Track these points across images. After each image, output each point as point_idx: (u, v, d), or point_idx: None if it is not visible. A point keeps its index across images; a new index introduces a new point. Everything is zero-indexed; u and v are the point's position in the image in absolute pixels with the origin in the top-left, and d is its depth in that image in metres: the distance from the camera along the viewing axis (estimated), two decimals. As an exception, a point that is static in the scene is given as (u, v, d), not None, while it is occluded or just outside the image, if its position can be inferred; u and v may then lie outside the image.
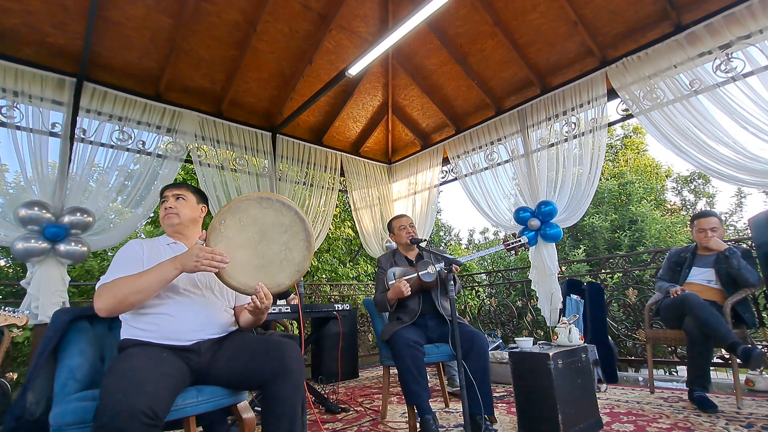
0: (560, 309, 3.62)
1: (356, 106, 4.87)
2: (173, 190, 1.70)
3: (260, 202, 1.45)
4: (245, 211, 1.43)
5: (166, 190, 1.70)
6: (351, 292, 7.30)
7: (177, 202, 1.66)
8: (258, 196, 1.45)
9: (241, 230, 1.42)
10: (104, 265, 9.65)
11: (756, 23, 2.69)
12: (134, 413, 1.04)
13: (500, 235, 18.95)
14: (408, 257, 2.67)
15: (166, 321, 1.41)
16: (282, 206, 1.46)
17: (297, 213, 1.47)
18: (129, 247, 1.54)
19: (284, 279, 1.44)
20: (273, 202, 1.45)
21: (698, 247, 2.78)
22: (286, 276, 1.44)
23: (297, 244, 1.46)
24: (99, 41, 3.18)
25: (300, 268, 1.46)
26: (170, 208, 1.64)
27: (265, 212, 1.45)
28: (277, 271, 1.44)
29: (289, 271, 1.44)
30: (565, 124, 3.80)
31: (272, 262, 1.43)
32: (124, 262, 1.46)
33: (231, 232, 1.40)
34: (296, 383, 1.36)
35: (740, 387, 2.37)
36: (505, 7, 3.54)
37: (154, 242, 1.61)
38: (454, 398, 2.98)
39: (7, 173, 8.32)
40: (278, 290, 1.44)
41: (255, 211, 1.44)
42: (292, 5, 3.54)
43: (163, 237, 1.67)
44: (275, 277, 1.43)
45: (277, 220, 1.45)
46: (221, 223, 1.40)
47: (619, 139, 17.03)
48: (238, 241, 1.41)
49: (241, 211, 1.43)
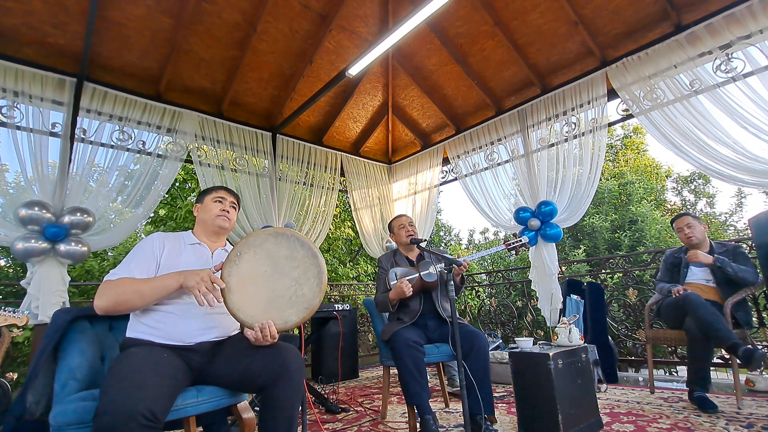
0: (560, 309, 3.62)
1: (356, 106, 4.87)
2: (231, 196, 1.76)
3: (276, 237, 1.46)
4: (261, 245, 1.45)
5: (223, 191, 1.75)
6: (351, 292, 7.30)
7: (232, 210, 1.73)
8: (275, 231, 1.47)
9: (255, 264, 1.42)
10: (104, 266, 9.66)
11: (756, 23, 2.69)
12: (134, 415, 1.04)
13: (500, 235, 18.95)
14: (408, 257, 2.67)
15: (173, 320, 1.41)
16: (296, 241, 1.46)
17: (310, 249, 1.46)
18: (148, 243, 1.54)
19: (292, 315, 1.40)
20: (287, 237, 1.47)
21: (688, 247, 2.83)
22: (294, 312, 1.41)
23: (308, 281, 1.43)
24: (99, 41, 3.18)
25: (309, 306, 1.41)
26: (227, 212, 1.70)
27: (278, 247, 1.45)
28: (285, 307, 1.41)
29: (297, 308, 1.41)
30: (566, 124, 3.80)
31: (282, 297, 1.41)
32: (137, 261, 1.47)
33: (245, 267, 1.41)
34: (296, 387, 1.36)
35: (740, 387, 2.37)
36: (505, 7, 3.54)
37: (177, 239, 1.62)
38: (454, 398, 2.98)
39: (7, 173, 8.32)
40: (285, 327, 1.41)
41: (269, 246, 1.45)
42: (292, 5, 3.54)
43: (187, 235, 1.68)
44: (283, 313, 1.41)
45: (290, 254, 1.45)
46: (237, 256, 1.42)
47: (619, 139, 17.02)
48: (251, 275, 1.41)
49: (256, 246, 1.44)
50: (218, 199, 1.72)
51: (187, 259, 1.55)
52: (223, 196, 1.73)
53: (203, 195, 1.77)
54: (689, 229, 2.76)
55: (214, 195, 1.73)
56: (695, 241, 2.74)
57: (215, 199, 1.72)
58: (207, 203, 1.72)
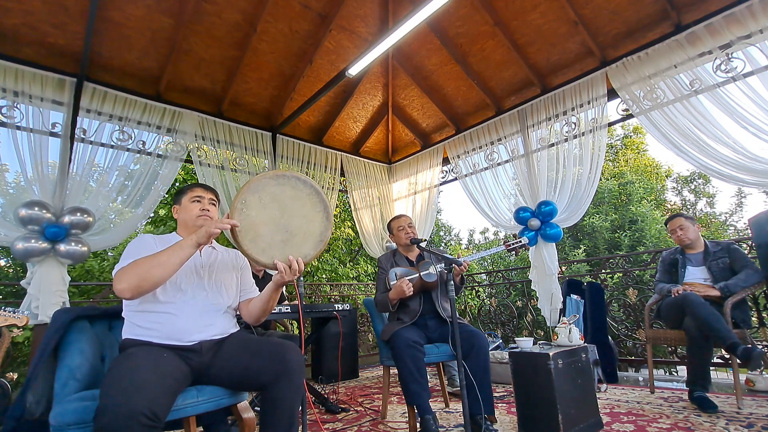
0: (560, 309, 3.62)
1: (356, 106, 4.87)
2: (209, 194, 1.71)
3: (276, 179, 1.51)
4: (264, 189, 1.48)
5: (199, 189, 1.70)
6: (351, 292, 7.30)
7: (212, 207, 1.70)
8: (274, 173, 1.52)
9: (263, 208, 1.47)
10: (104, 266, 9.64)
11: (756, 23, 2.69)
12: (134, 414, 1.04)
13: (500, 235, 18.95)
14: (408, 257, 2.67)
15: (170, 320, 1.41)
16: (298, 181, 1.53)
17: (313, 186, 1.54)
18: (142, 239, 1.54)
19: (309, 250, 1.49)
20: (289, 178, 1.52)
21: (683, 247, 2.85)
22: (310, 246, 1.50)
23: (316, 216, 1.52)
24: (99, 41, 3.18)
25: (323, 238, 1.51)
26: (207, 211, 1.67)
27: (282, 188, 1.50)
28: (301, 243, 1.49)
29: (312, 242, 1.50)
30: (565, 124, 3.80)
31: (296, 234, 1.49)
32: (138, 251, 1.46)
33: (253, 211, 1.45)
34: (297, 385, 1.36)
35: (740, 387, 2.37)
36: (505, 7, 3.54)
37: (164, 239, 1.60)
38: (454, 398, 2.97)
39: (7, 173, 8.32)
40: (306, 261, 1.48)
41: (273, 189, 1.49)
42: (292, 5, 3.54)
43: (173, 236, 1.66)
44: (301, 249, 1.48)
45: (295, 194, 1.52)
46: (243, 203, 1.44)
47: (619, 139, 17.02)
48: (261, 219, 1.45)
49: (260, 190, 1.47)
50: (196, 198, 1.67)
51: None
52: (201, 195, 1.68)
53: (179, 195, 1.71)
54: (681, 230, 2.78)
55: (190, 195, 1.68)
56: (687, 242, 2.78)
57: (193, 199, 1.67)
58: (185, 204, 1.67)
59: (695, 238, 2.77)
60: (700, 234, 2.83)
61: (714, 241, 2.78)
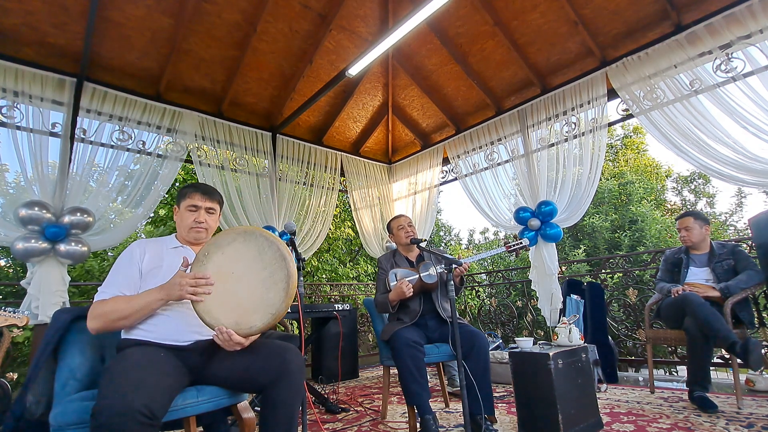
0: (560, 309, 3.62)
1: (356, 106, 4.87)
2: (207, 201, 1.59)
3: (245, 236, 1.39)
4: (229, 244, 1.38)
5: (197, 196, 1.59)
6: (351, 292, 7.30)
7: (208, 217, 1.60)
8: (243, 230, 1.41)
9: (222, 265, 1.36)
10: (104, 266, 9.65)
11: (756, 23, 2.69)
12: (131, 412, 1.04)
13: (500, 235, 18.95)
14: (408, 258, 2.67)
15: (165, 322, 1.41)
16: (264, 242, 1.37)
17: (279, 250, 1.35)
18: (127, 255, 1.50)
19: (257, 321, 1.32)
20: (256, 237, 1.38)
21: (689, 247, 2.84)
22: (259, 318, 1.32)
23: (275, 284, 1.33)
24: (99, 41, 3.18)
25: (275, 311, 1.31)
26: (201, 222, 1.57)
27: (247, 246, 1.38)
28: (251, 311, 1.33)
29: (262, 313, 1.32)
30: (565, 124, 3.80)
31: (248, 299, 1.34)
32: (123, 275, 1.45)
33: (212, 267, 1.36)
34: (297, 386, 1.36)
35: (740, 387, 2.37)
36: (505, 7, 3.54)
37: (158, 244, 1.58)
38: (454, 398, 2.97)
39: (7, 173, 8.32)
40: (249, 332, 1.33)
41: (238, 245, 1.38)
42: (292, 5, 3.54)
43: (170, 239, 1.63)
44: (249, 318, 1.33)
45: (258, 255, 1.36)
46: (205, 256, 1.37)
47: (619, 139, 17.02)
48: (217, 276, 1.35)
49: (225, 245, 1.38)
50: (191, 207, 1.57)
51: (169, 262, 1.50)
52: (197, 204, 1.57)
53: (179, 198, 1.62)
54: (686, 231, 2.78)
55: (188, 202, 1.58)
56: (689, 244, 2.78)
57: (189, 208, 1.58)
58: (182, 210, 1.60)
59: (700, 240, 2.75)
60: (708, 236, 2.79)
61: (720, 243, 2.77)
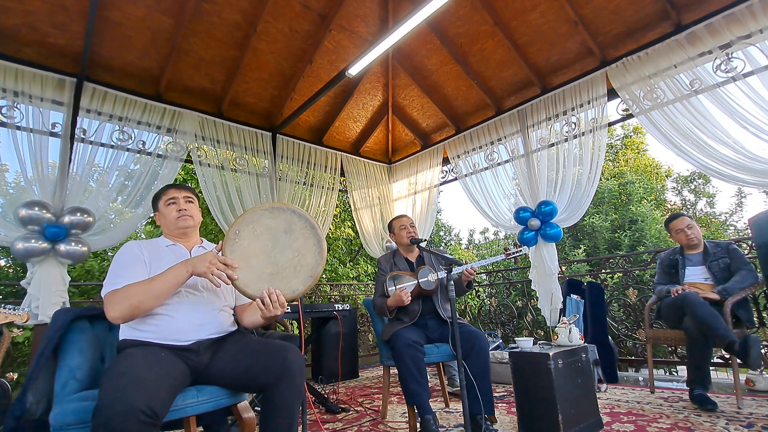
0: (560, 309, 3.62)
1: (356, 106, 4.87)
2: (183, 192, 1.67)
3: (272, 211, 1.50)
4: (258, 220, 1.48)
5: (172, 190, 1.67)
6: (351, 292, 7.30)
7: (189, 205, 1.66)
8: (270, 206, 1.52)
9: (255, 239, 1.45)
10: (104, 266, 9.65)
11: (756, 23, 2.69)
12: (132, 411, 1.04)
13: (500, 235, 18.95)
14: (408, 258, 2.66)
15: (166, 322, 1.40)
16: (293, 214, 1.51)
17: (307, 220, 1.52)
18: (128, 250, 1.51)
19: (298, 285, 1.46)
20: (284, 210, 1.51)
21: (684, 247, 2.83)
22: (300, 281, 1.46)
23: (309, 250, 1.49)
24: (99, 41, 3.18)
25: (313, 273, 1.48)
26: (185, 210, 1.64)
27: (276, 221, 1.50)
28: (291, 277, 1.46)
29: (302, 276, 1.47)
30: (565, 124, 3.80)
31: (286, 268, 1.46)
32: (128, 267, 1.44)
33: (245, 242, 1.44)
34: (297, 387, 1.36)
35: (740, 387, 2.37)
36: (505, 7, 3.54)
37: (152, 244, 1.59)
38: (454, 398, 2.98)
39: (7, 173, 8.32)
40: (293, 296, 1.45)
41: (267, 221, 1.49)
42: (292, 5, 3.54)
43: (161, 239, 1.65)
44: (290, 283, 1.46)
45: (289, 227, 1.50)
46: (236, 234, 1.44)
47: (619, 139, 17.02)
48: (253, 251, 1.44)
49: (254, 221, 1.47)
50: (170, 201, 1.65)
51: (168, 260, 1.51)
52: (174, 196, 1.65)
53: (155, 202, 1.70)
54: (690, 230, 2.75)
55: (165, 198, 1.66)
56: (695, 242, 2.75)
57: (168, 202, 1.65)
58: (162, 209, 1.66)
59: (701, 237, 2.77)
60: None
61: (713, 242, 2.78)
